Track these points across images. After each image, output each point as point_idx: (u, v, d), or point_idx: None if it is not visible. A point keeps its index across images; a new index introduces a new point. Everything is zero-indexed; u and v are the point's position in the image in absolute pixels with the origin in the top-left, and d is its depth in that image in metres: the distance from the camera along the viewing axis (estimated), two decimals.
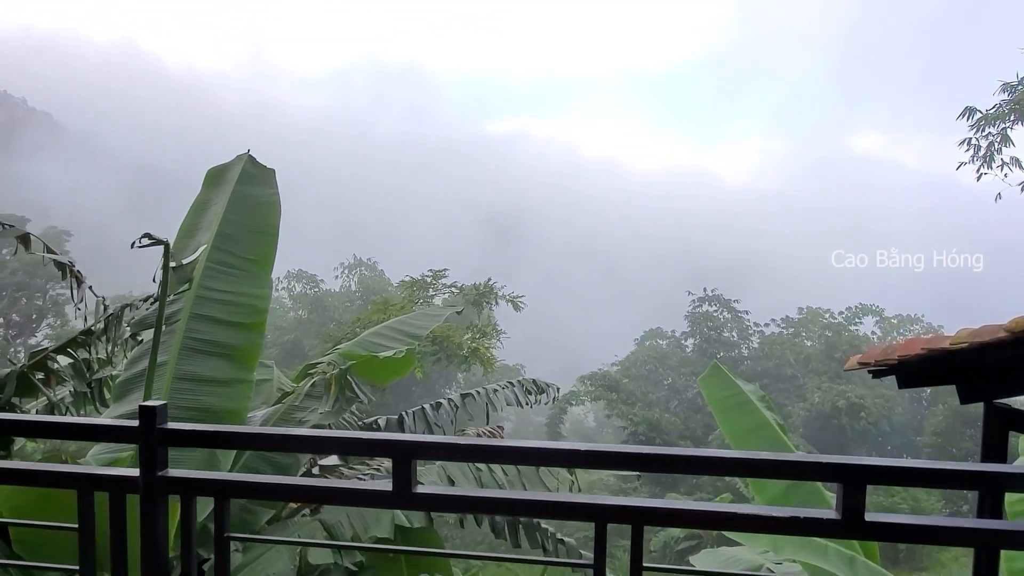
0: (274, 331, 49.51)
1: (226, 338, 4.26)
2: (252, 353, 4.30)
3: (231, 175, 4.99)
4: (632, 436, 37.39)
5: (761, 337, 44.08)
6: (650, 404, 39.89)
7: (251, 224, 4.76)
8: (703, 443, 36.94)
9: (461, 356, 18.82)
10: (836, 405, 34.81)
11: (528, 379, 5.56)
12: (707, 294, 43.28)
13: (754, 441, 5.42)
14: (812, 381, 39.12)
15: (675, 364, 44.06)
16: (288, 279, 49.88)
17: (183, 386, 4.06)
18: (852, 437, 36.68)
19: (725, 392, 5.78)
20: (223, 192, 4.87)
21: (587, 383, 40.86)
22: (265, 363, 6.06)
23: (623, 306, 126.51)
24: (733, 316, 43.38)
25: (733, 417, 5.59)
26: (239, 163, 5.08)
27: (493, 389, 5.26)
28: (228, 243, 4.61)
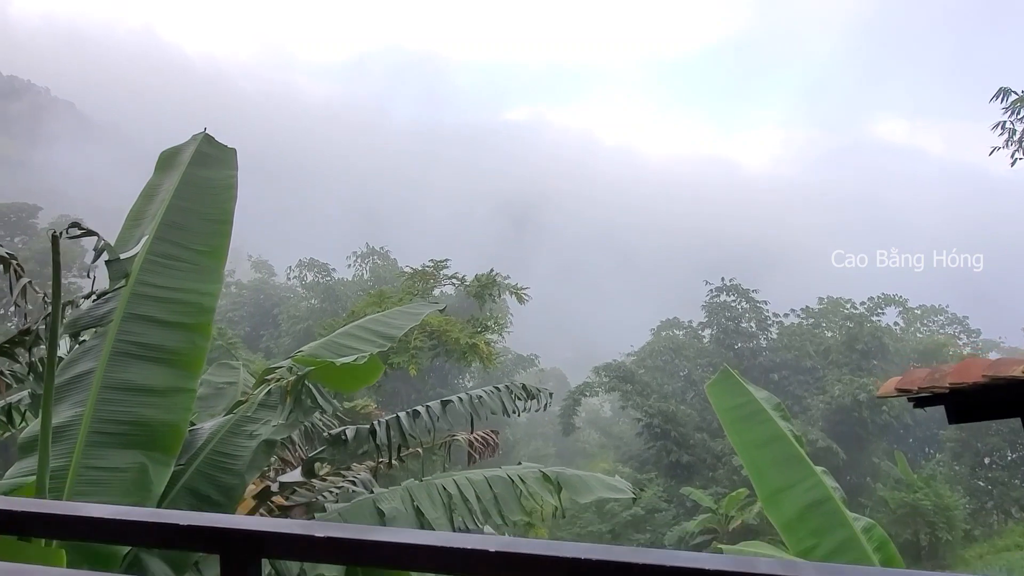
0: (288, 320, 49.44)
1: (165, 341, 3.76)
2: (195, 358, 3.79)
3: (184, 156, 4.48)
4: (647, 428, 36.82)
5: (780, 328, 43.20)
6: (666, 396, 39.26)
7: (202, 211, 4.25)
8: (719, 436, 36.27)
9: (460, 351, 18.17)
10: (857, 398, 33.97)
11: (518, 384, 5.03)
12: (725, 284, 42.45)
13: (767, 454, 4.86)
14: (832, 373, 38.26)
15: (692, 355, 43.35)
16: (300, 268, 49.67)
17: (112, 396, 3.57)
18: (873, 431, 35.86)
19: (736, 400, 5.21)
20: (174, 176, 4.37)
21: (602, 374, 40.28)
22: (232, 363, 5.57)
23: (639, 295, 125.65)
24: (751, 306, 42.53)
25: (744, 428, 5.02)
26: (194, 143, 4.57)
27: (478, 395, 4.74)
28: (174, 233, 4.10)
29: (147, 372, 3.67)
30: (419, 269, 21.69)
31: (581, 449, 58.12)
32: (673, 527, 30.50)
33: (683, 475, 34.98)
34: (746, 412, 5.11)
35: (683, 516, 31.76)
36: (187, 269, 4.02)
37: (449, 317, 19.26)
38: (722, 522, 27.70)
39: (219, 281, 4.07)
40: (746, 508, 27.06)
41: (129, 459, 3.48)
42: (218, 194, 4.34)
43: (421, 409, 4.60)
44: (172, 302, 3.88)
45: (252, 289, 59.36)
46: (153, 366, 3.69)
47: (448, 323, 18.33)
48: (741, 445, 4.94)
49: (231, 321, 53.47)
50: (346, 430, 4.40)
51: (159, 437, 3.57)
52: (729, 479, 32.79)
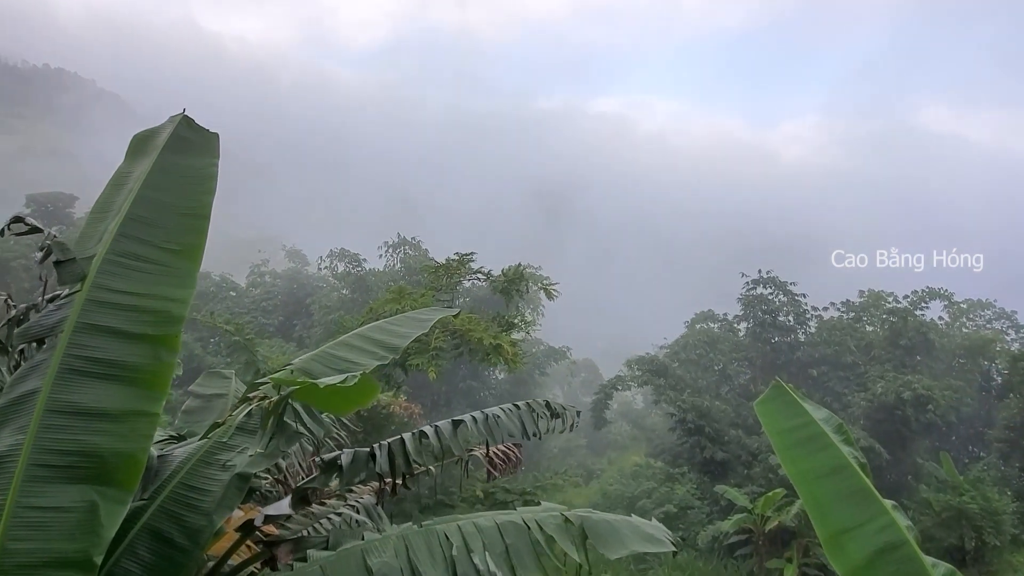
0: (320, 310, 49.44)
1: (124, 355, 3.21)
2: (159, 376, 3.24)
3: (159, 140, 3.93)
4: (680, 423, 35.96)
5: (819, 322, 41.87)
6: (699, 390, 38.31)
7: (175, 203, 3.69)
8: (755, 433, 35.25)
9: (483, 352, 17.35)
10: (900, 396, 32.67)
11: (540, 401, 4.42)
12: (762, 276, 41.22)
13: (829, 487, 4.16)
14: (875, 369, 36.92)
15: (727, 349, 42.26)
16: (331, 258, 49.59)
17: (57, 421, 3.03)
18: (917, 430, 34.52)
19: (791, 421, 4.51)
20: (145, 163, 3.82)
21: (634, 367, 39.48)
22: (223, 373, 5.04)
23: (672, 284, 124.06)
24: (789, 299, 41.24)
25: (801, 456, 4.32)
26: (171, 124, 4.02)
27: (495, 415, 4.14)
28: (141, 228, 3.55)
29: (100, 393, 3.13)
30: (443, 263, 20.92)
31: (613, 441, 57.46)
32: (707, 526, 29.67)
33: (717, 472, 34.09)
34: (803, 436, 4.41)
35: (717, 515, 30.92)
36: (154, 271, 3.47)
37: (473, 315, 18.48)
38: (758, 523, 26.81)
39: (191, 286, 3.51)
40: (783, 509, 26.13)
41: (76, 496, 2.95)
42: (195, 185, 3.78)
43: (429, 430, 4.01)
44: (134, 310, 3.33)
45: (286, 278, 59.65)
46: (108, 385, 3.15)
47: (471, 321, 17.52)
48: (798, 475, 4.24)
49: (264, 310, 53.76)
50: (341, 455, 3.84)
51: (112, 470, 3.03)
52: (765, 477, 31.82)
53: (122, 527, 3.08)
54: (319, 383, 3.02)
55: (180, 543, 3.23)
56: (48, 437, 3.01)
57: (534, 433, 4.18)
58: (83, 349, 3.20)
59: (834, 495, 4.13)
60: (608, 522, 3.29)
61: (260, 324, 51.16)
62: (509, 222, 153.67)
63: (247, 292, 57.74)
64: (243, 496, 3.43)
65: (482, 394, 46.96)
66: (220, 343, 40.98)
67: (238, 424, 3.71)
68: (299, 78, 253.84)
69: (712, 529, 28.71)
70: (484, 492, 16.55)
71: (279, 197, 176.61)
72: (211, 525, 3.30)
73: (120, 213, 3.58)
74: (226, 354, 35.02)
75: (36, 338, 3.38)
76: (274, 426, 3.27)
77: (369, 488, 4.77)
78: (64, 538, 2.88)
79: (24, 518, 2.88)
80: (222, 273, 58.96)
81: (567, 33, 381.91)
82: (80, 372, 3.15)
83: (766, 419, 4.62)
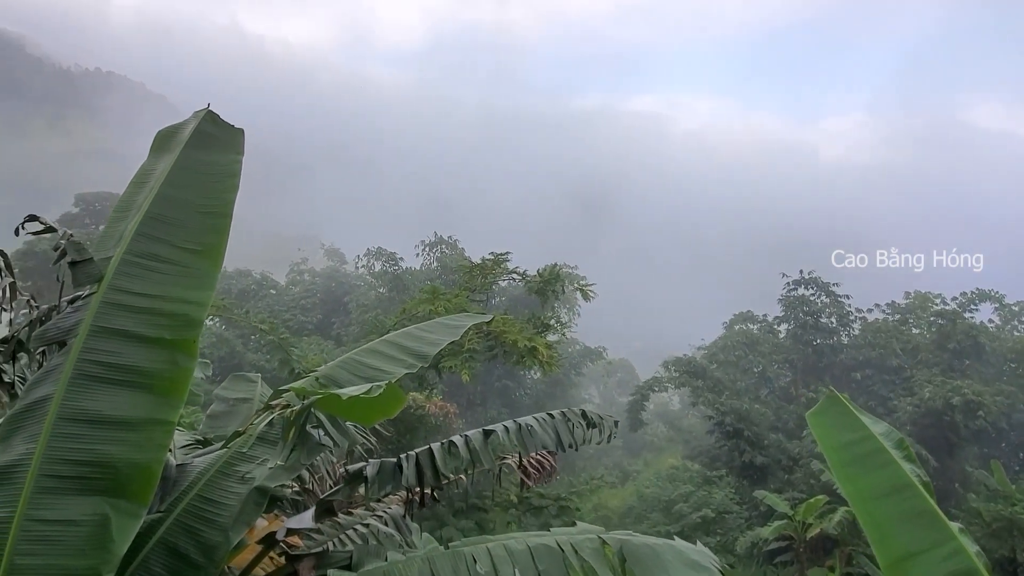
0: (357, 308, 49.81)
1: (140, 361, 3.06)
2: (177, 383, 3.08)
3: (182, 136, 3.79)
4: (719, 426, 35.30)
5: (863, 324, 40.74)
6: (738, 393, 37.55)
7: (196, 201, 3.54)
8: (796, 437, 34.45)
9: (518, 355, 17.02)
10: (950, 402, 31.56)
11: (576, 411, 4.18)
12: (803, 276, 40.26)
13: (890, 508, 3.85)
14: (921, 374, 35.76)
15: (767, 351, 41.37)
16: (368, 257, 49.90)
17: (70, 429, 2.89)
18: (966, 436, 33.34)
19: (847, 436, 4.19)
20: (168, 159, 3.68)
21: (671, 368, 38.90)
22: (249, 376, 4.90)
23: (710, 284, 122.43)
24: (832, 301, 40.21)
25: (859, 474, 4.01)
26: (195, 120, 3.87)
27: (528, 425, 3.91)
28: (160, 228, 3.40)
29: (115, 400, 2.98)
30: (478, 263, 20.67)
31: (649, 442, 56.80)
32: (745, 532, 29.02)
33: (756, 477, 33.36)
34: (861, 451, 4.10)
35: (756, 520, 30.24)
36: (173, 272, 3.31)
37: (507, 317, 18.18)
38: (799, 530, 26.10)
39: (211, 287, 3.35)
40: (825, 516, 25.39)
41: (87, 509, 2.81)
42: (217, 182, 3.63)
43: (459, 440, 3.81)
44: (151, 312, 3.18)
45: (324, 277, 60.33)
46: (123, 392, 3.01)
47: (506, 323, 17.21)
48: (856, 495, 3.93)
49: (304, 308, 54.35)
50: (367, 466, 3.65)
51: (126, 481, 2.88)
52: (806, 483, 31.04)
53: (136, 541, 2.93)
54: (342, 393, 2.83)
55: (196, 560, 3.07)
56: (60, 446, 2.87)
57: (570, 444, 3.94)
58: (98, 354, 3.06)
59: (896, 517, 3.82)
60: (649, 546, 3.04)
61: (299, 322, 51.73)
62: (545, 220, 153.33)
63: (287, 290, 58.48)
64: (261, 512, 3.27)
65: (517, 394, 46.78)
66: (260, 340, 41.49)
67: (259, 434, 3.55)
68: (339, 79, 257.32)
69: (751, 535, 28.06)
70: (518, 497, 16.34)
71: (319, 196, 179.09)
72: (227, 542, 3.13)
73: (140, 212, 3.44)
74: (265, 351, 35.41)
75: (52, 341, 3.25)
76: (296, 437, 3.10)
77: (398, 497, 4.59)
78: (74, 554, 2.73)
79: (32, 532, 2.74)
80: (263, 271, 59.84)
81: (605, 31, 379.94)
82: (94, 378, 3.01)
83: (820, 432, 4.31)
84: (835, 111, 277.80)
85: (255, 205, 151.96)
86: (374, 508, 4.45)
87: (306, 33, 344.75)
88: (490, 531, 15.87)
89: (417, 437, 16.09)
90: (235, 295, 51.54)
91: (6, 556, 2.69)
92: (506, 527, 16.17)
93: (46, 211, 16.30)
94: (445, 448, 3.76)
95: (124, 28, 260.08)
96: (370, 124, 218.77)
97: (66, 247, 3.25)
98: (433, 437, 19.38)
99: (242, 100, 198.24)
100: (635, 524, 32.10)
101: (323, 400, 3.08)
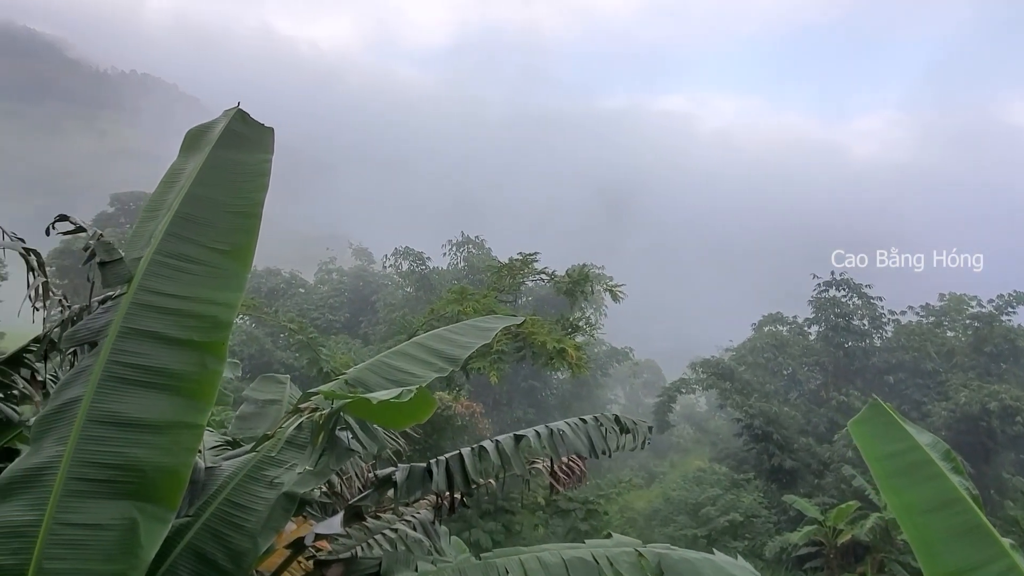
0: (384, 308, 50.08)
1: (168, 363, 3.03)
2: (205, 385, 3.04)
3: (212, 135, 3.75)
4: (747, 429, 34.84)
5: (896, 326, 39.93)
6: (767, 395, 37.02)
7: (226, 201, 3.50)
8: (826, 441, 33.86)
9: (546, 356, 16.85)
10: (986, 407, 30.78)
11: (609, 416, 4.08)
12: (834, 278, 39.59)
13: (939, 523, 3.69)
14: (957, 378, 34.93)
15: (796, 353, 40.75)
16: (395, 256, 50.12)
17: (98, 432, 2.86)
18: (1003, 442, 32.52)
19: (892, 446, 4.04)
20: (198, 159, 3.65)
21: (699, 370, 38.48)
22: (279, 377, 4.86)
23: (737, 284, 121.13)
24: (864, 302, 39.47)
25: (905, 486, 3.85)
26: (225, 119, 3.84)
27: (560, 430, 3.82)
28: (189, 228, 3.37)
29: (143, 402, 2.95)
30: (506, 263, 20.58)
31: (675, 444, 56.31)
32: (774, 536, 28.59)
33: (785, 481, 32.85)
34: (907, 463, 3.94)
35: (785, 525, 29.78)
36: (202, 273, 3.27)
37: (536, 318, 18.04)
38: (829, 535, 25.67)
39: (240, 288, 3.30)
40: (857, 522, 24.93)
41: (115, 513, 2.77)
42: (247, 181, 3.58)
43: (489, 446, 3.72)
44: (180, 314, 3.14)
45: (352, 276, 60.76)
46: (151, 394, 2.97)
47: (535, 324, 17.05)
48: (902, 508, 3.78)
49: (332, 307, 54.78)
50: (395, 471, 3.59)
51: (153, 485, 2.84)
52: (837, 488, 30.50)
53: (164, 546, 2.89)
54: (372, 398, 2.76)
55: (224, 566, 3.02)
56: (88, 449, 2.84)
57: (603, 451, 3.84)
58: (127, 355, 3.02)
59: (945, 532, 3.65)
60: (688, 561, 2.92)
61: (327, 320, 52.14)
62: (570, 220, 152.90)
63: (315, 289, 58.98)
64: (289, 517, 3.22)
65: (543, 394, 46.63)
66: (289, 339, 41.93)
67: (288, 437, 3.51)
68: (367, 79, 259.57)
69: (780, 540, 27.63)
70: (546, 500, 16.20)
71: (347, 196, 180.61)
72: (256, 548, 3.08)
73: (170, 211, 3.41)
74: (294, 350, 35.77)
75: (83, 342, 3.23)
76: (324, 442, 3.04)
77: (427, 502, 4.53)
78: (101, 558, 2.70)
79: (61, 536, 2.71)
80: (292, 270, 60.39)
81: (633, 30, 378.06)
82: (123, 380, 2.98)
83: (863, 442, 4.15)
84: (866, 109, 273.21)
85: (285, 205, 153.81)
86: (403, 513, 4.39)
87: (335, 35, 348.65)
88: (517, 533, 15.80)
89: (444, 437, 16.07)
90: (264, 294, 52.11)
91: (35, 560, 2.66)
92: (533, 530, 16.09)
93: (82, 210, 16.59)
94: (476, 453, 3.69)
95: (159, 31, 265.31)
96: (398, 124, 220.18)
97: (95, 248, 3.23)
98: (459, 437, 19.34)
99: (272, 101, 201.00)
100: (661, 527, 31.81)
101: (353, 404, 3.02)
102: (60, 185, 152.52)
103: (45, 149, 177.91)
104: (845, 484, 29.24)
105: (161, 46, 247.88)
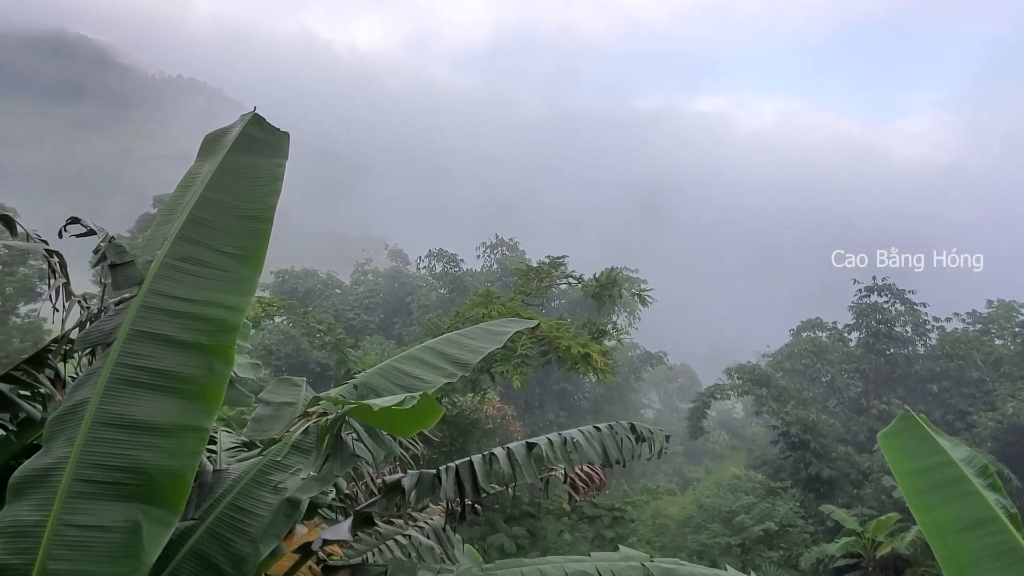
0: (418, 309, 50.39)
1: (176, 366, 3.03)
2: (212, 388, 3.03)
3: (227, 140, 3.76)
4: (783, 436, 34.18)
5: (941, 334, 38.84)
6: (805, 402, 36.27)
7: (238, 205, 3.50)
8: (866, 450, 33.04)
9: (572, 361, 16.66)
10: None
11: (625, 424, 3.98)
12: (876, 283, 38.66)
13: (971, 544, 3.51)
14: (1004, 387, 33.84)
15: (836, 360, 39.90)
16: (430, 258, 50.44)
17: (105, 434, 2.87)
18: None
19: (924, 460, 3.86)
20: (212, 163, 3.66)
21: (734, 376, 37.88)
22: (295, 380, 4.87)
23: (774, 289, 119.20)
24: (907, 308, 38.48)
25: (936, 503, 3.68)
26: (240, 123, 3.84)
27: (573, 439, 3.74)
28: (201, 231, 3.37)
29: (150, 405, 2.95)
30: (534, 266, 20.45)
31: (710, 449, 55.56)
32: (811, 547, 27.97)
33: (823, 490, 32.13)
34: (939, 479, 3.76)
35: (822, 536, 29.12)
36: (212, 276, 3.27)
37: (561, 322, 17.87)
38: (868, 548, 25.01)
39: (250, 292, 3.29)
40: (897, 535, 24.26)
41: (119, 515, 2.77)
42: (260, 186, 3.58)
43: (500, 453, 3.66)
44: (188, 317, 3.14)
45: (388, 277, 61.26)
46: (158, 397, 2.97)
47: (560, 328, 16.87)
48: (933, 527, 3.61)
49: (367, 308, 55.30)
50: (403, 478, 3.54)
51: (158, 488, 2.83)
52: (877, 499, 29.75)
53: (167, 549, 2.89)
54: (372, 404, 2.72)
55: (226, 570, 3.01)
56: (94, 451, 2.85)
57: (617, 460, 3.75)
58: (135, 358, 3.03)
59: (978, 554, 3.48)
60: None
61: (362, 321, 52.65)
62: (606, 221, 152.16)
63: (351, 290, 59.59)
64: (291, 523, 3.19)
65: (575, 397, 46.43)
66: (321, 339, 42.43)
67: (295, 442, 3.49)
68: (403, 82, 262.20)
69: (816, 551, 27.03)
70: (571, 506, 16.05)
71: (383, 198, 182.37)
72: (257, 553, 3.06)
73: (183, 215, 3.42)
74: (328, 350, 36.19)
75: (95, 344, 3.26)
76: (329, 447, 3.01)
77: (441, 507, 4.48)
78: (104, 560, 2.70)
79: (65, 537, 2.72)
80: (328, 271, 61.14)
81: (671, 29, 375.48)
82: (130, 382, 2.99)
83: (892, 456, 3.99)
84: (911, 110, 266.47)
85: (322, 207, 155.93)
86: (416, 518, 4.35)
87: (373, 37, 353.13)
88: (542, 539, 15.70)
89: (471, 441, 16.05)
90: (301, 295, 52.80)
91: (39, 561, 2.68)
92: (558, 535, 15.93)
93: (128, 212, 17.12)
94: (486, 461, 3.62)
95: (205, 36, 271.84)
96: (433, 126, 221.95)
97: (105, 250, 3.26)
98: (489, 440, 19.28)
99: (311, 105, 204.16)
100: (694, 534, 31.34)
101: (356, 410, 2.99)
102: (109, 186, 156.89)
103: (95, 151, 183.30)
104: (885, 495, 28.53)
105: (206, 51, 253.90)
